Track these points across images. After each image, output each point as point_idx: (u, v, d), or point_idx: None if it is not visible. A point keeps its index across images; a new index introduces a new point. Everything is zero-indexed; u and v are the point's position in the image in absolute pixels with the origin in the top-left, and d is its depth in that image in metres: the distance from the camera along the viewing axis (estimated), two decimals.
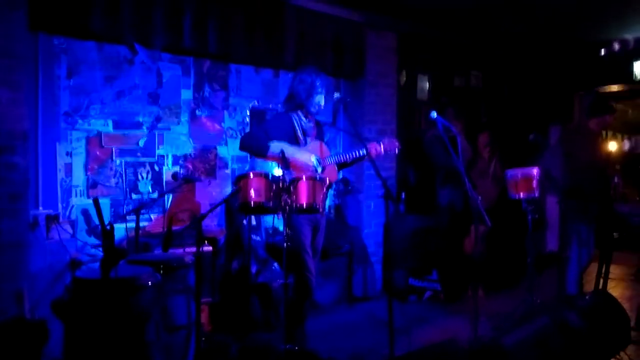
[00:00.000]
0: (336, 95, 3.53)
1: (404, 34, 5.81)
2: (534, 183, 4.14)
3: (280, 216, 3.24)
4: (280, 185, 3.03)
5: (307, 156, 3.47)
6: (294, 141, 3.56)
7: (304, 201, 3.03)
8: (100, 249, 2.22)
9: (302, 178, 3.06)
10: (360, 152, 3.53)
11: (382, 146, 3.60)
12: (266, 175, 3.01)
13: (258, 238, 4.57)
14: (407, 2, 5.22)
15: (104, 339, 2.29)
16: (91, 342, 2.32)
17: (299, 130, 3.58)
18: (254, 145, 3.49)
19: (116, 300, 2.32)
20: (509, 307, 4.32)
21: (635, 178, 6.66)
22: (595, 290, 4.18)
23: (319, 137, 3.76)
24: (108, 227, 2.23)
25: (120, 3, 3.74)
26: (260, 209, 3.09)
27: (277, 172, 3.28)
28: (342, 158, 3.65)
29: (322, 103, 3.60)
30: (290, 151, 3.43)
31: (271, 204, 2.99)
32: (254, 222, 4.58)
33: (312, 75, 3.56)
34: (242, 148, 3.65)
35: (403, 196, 5.70)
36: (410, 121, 6.09)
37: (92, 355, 2.32)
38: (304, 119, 3.62)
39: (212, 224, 4.55)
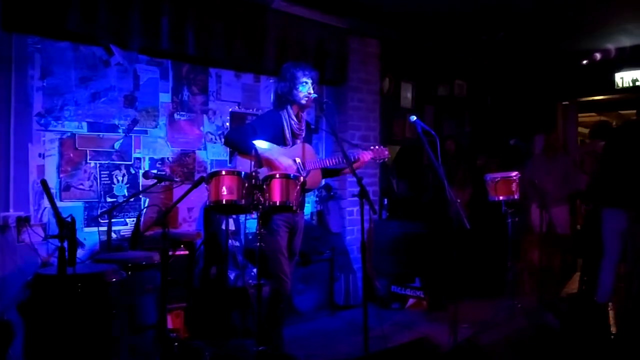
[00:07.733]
0: (313, 95, 3.48)
1: (387, 41, 5.82)
2: (514, 185, 4.11)
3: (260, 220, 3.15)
4: (253, 182, 2.97)
5: (289, 160, 3.39)
6: (281, 141, 3.47)
7: (277, 199, 2.96)
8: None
9: (275, 175, 3.00)
10: (348, 158, 3.35)
11: (371, 154, 3.57)
12: (238, 173, 2.95)
13: (237, 243, 4.51)
14: (389, 9, 5.23)
15: (63, 335, 2.20)
16: (49, 338, 2.24)
17: (287, 130, 3.48)
18: (240, 142, 3.36)
19: (75, 296, 2.24)
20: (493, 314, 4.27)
21: None
22: (575, 294, 4.13)
23: (308, 139, 3.68)
24: (69, 219, 2.15)
25: (96, 3, 3.70)
26: (233, 208, 3.02)
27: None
28: (327, 163, 3.55)
29: (312, 92, 3.49)
30: (275, 154, 3.36)
31: (243, 202, 2.92)
32: (233, 227, 4.52)
33: (290, 68, 3.51)
34: (226, 143, 3.58)
35: (386, 202, 5.66)
36: (394, 129, 6.08)
37: (49, 351, 2.23)
38: (294, 118, 3.52)
39: (190, 228, 4.48)
